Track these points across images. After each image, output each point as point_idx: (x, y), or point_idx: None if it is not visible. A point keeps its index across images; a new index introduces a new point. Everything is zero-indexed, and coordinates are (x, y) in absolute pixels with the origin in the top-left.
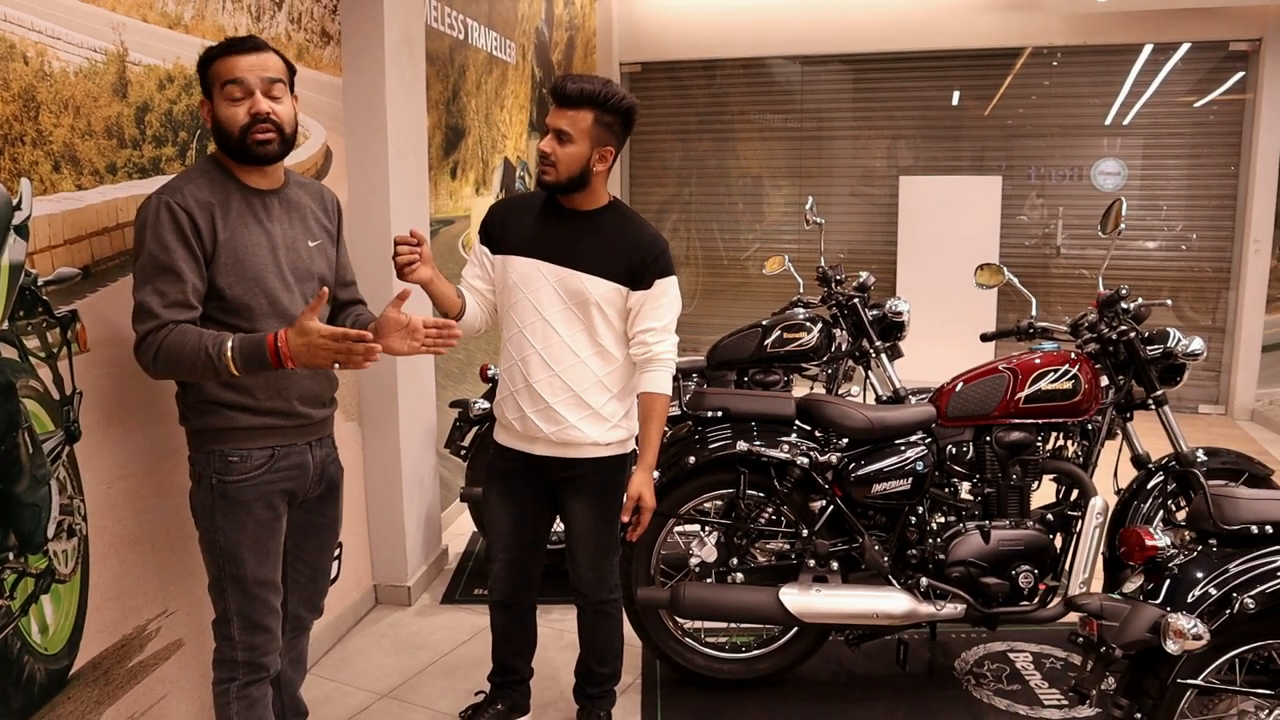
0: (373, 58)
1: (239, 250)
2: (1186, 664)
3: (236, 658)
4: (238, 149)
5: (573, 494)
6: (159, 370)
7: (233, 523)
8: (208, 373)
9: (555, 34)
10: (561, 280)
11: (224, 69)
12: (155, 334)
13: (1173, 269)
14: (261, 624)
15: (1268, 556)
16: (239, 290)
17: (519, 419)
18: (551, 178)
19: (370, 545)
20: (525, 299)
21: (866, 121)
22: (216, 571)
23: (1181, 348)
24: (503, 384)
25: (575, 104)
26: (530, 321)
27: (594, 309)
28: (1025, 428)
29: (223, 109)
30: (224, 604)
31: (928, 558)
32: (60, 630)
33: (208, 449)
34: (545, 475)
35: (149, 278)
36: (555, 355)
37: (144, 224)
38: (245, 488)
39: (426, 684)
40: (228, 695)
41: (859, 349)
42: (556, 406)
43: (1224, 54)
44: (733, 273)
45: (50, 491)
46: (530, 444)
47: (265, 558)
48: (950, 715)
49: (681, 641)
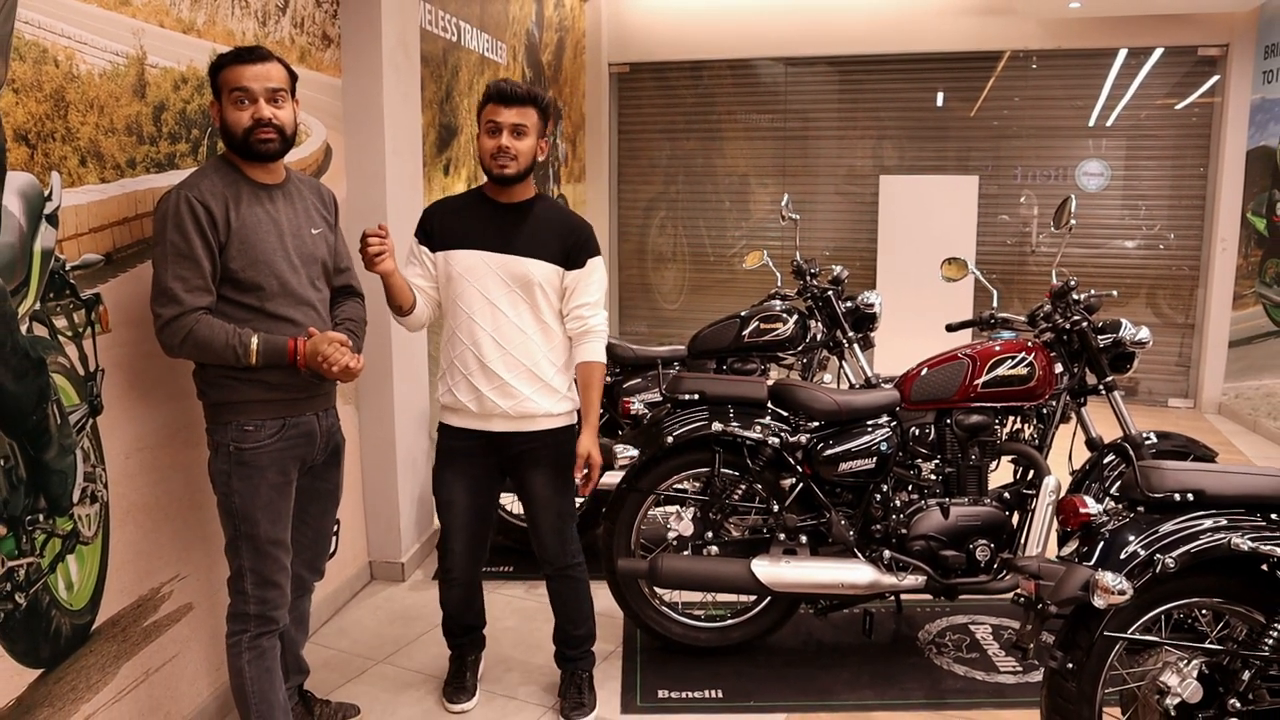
0: (370, 60)
1: (250, 236)
2: (1115, 619)
3: (249, 611)
4: (242, 148)
5: (531, 466)
6: (181, 352)
7: (248, 486)
8: (228, 361)
9: (545, 35)
10: (504, 266)
11: (232, 77)
12: (182, 319)
13: (1149, 267)
14: (272, 580)
15: (1189, 521)
16: (251, 272)
17: (474, 399)
18: (513, 170)
19: (366, 523)
20: (471, 287)
21: (850, 122)
22: (233, 532)
23: (1130, 336)
24: (452, 370)
25: (523, 102)
26: (478, 307)
27: (537, 289)
28: (984, 411)
29: (230, 113)
30: (239, 561)
31: (891, 532)
32: (83, 588)
33: (224, 420)
34: (502, 451)
35: (171, 264)
36: (505, 335)
37: (164, 215)
38: (260, 454)
39: (420, 652)
40: (240, 646)
41: (833, 340)
42: (512, 382)
43: (1194, 59)
44: (718, 269)
45: (76, 460)
46: (487, 421)
47: (277, 519)
48: (912, 680)
49: (660, 611)
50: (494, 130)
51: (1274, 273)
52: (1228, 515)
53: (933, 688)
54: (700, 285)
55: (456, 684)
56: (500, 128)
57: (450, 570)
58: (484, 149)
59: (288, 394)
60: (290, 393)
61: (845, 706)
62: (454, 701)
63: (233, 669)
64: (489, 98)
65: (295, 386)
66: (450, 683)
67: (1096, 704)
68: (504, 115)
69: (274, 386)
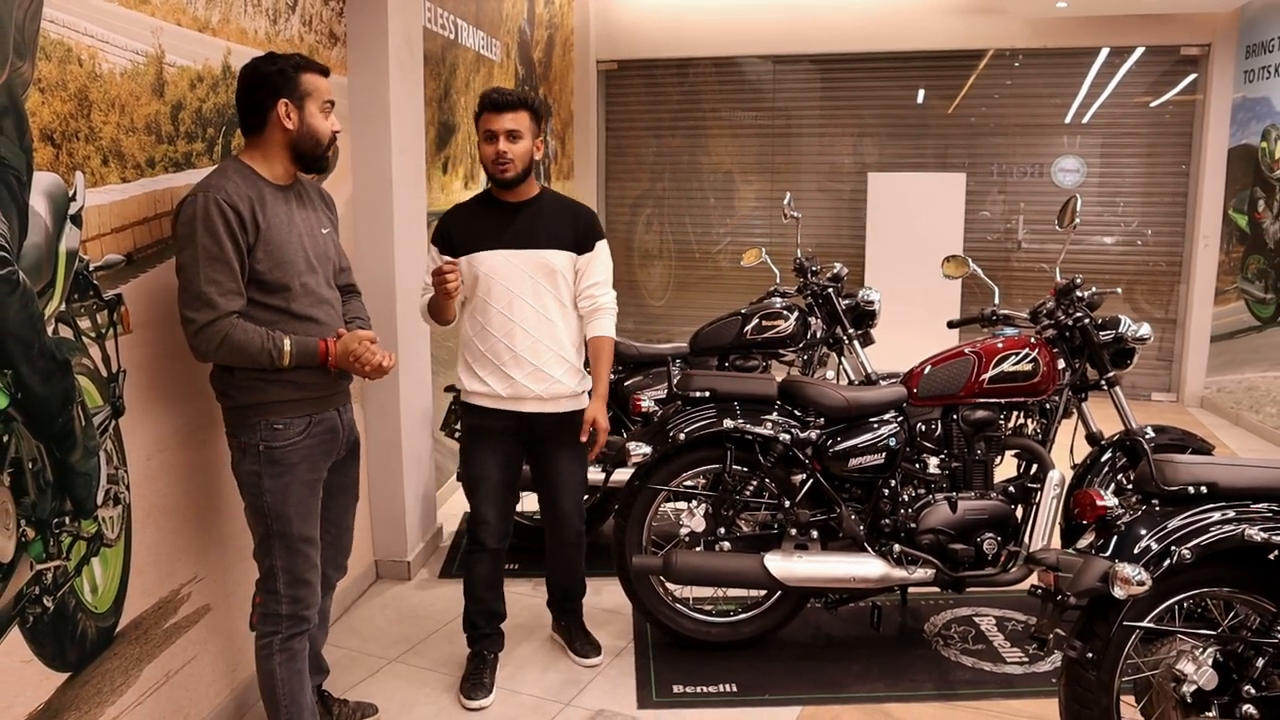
0: (377, 58)
1: (277, 238)
2: (1132, 609)
3: (281, 611)
4: (313, 156)
5: (557, 445)
6: (216, 357)
7: (279, 485)
8: (262, 364)
9: (536, 32)
10: (527, 260)
11: (324, 87)
12: (217, 324)
13: (1129, 263)
14: (304, 578)
15: (1202, 513)
16: (278, 274)
17: (508, 386)
18: (512, 173)
19: (372, 523)
20: (499, 284)
21: (835, 119)
22: (265, 531)
23: (1131, 332)
24: (482, 361)
25: (515, 107)
26: (507, 302)
27: (558, 276)
28: (989, 407)
29: (317, 120)
30: (270, 560)
31: (900, 527)
32: (107, 591)
33: (252, 421)
34: (530, 430)
35: (204, 268)
36: (533, 325)
37: (193, 218)
38: (290, 451)
39: (432, 649)
40: (271, 648)
41: (833, 336)
42: (544, 367)
43: (1176, 58)
44: (705, 266)
45: (99, 462)
46: (519, 403)
47: (309, 516)
48: (921, 672)
49: (672, 607)
50: (491, 137)
51: (1256, 268)
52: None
53: (942, 679)
54: (686, 282)
55: (474, 680)
56: (496, 134)
57: (484, 540)
58: (485, 156)
59: (314, 392)
60: (316, 391)
61: (858, 699)
62: (471, 698)
63: (263, 671)
64: (483, 107)
65: (321, 384)
66: (468, 679)
67: (1115, 692)
68: (498, 122)
69: (303, 386)
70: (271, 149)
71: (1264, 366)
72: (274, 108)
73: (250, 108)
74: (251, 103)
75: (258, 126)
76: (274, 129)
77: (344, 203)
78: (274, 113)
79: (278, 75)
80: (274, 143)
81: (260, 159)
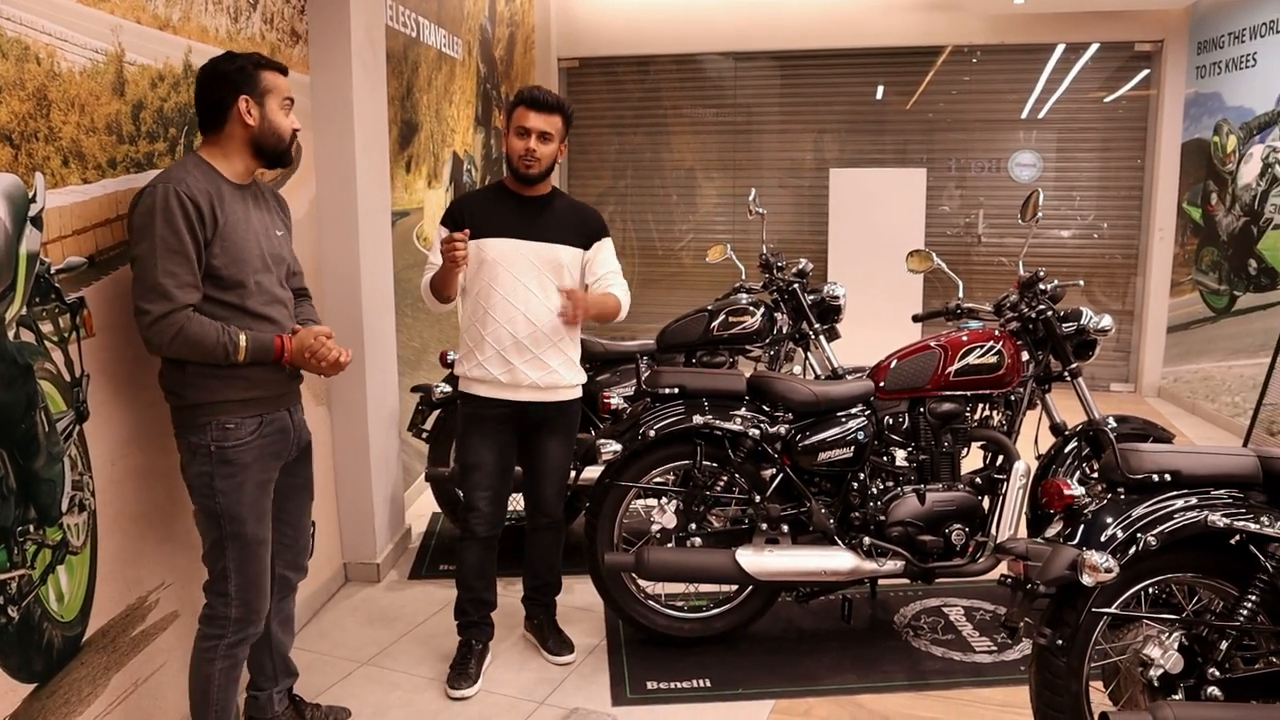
0: (339, 56)
1: (234, 235)
2: (1100, 595)
3: (230, 614)
4: (276, 151)
5: (549, 433)
6: (170, 350)
7: (232, 485)
8: (216, 359)
9: (497, 30)
10: (536, 252)
11: (284, 85)
12: (172, 316)
13: (1086, 256)
14: (257, 581)
15: (1167, 501)
16: (234, 270)
17: (506, 372)
18: (537, 170)
19: (340, 525)
20: (506, 271)
21: (795, 116)
22: (217, 534)
23: (1093, 324)
24: (482, 346)
25: (551, 110)
26: (512, 289)
27: (564, 271)
28: (955, 399)
29: (278, 116)
30: (223, 563)
31: (869, 519)
32: (74, 599)
33: (203, 421)
34: (524, 418)
35: (161, 259)
36: (536, 314)
37: (152, 209)
38: (243, 451)
39: (403, 652)
40: (215, 652)
41: (799, 331)
42: (542, 355)
43: (1130, 54)
44: (668, 263)
45: (64, 468)
46: (516, 391)
47: (262, 516)
48: (892, 663)
49: (644, 604)
50: (523, 133)
51: (1209, 260)
52: (1198, 494)
53: (913, 669)
54: (650, 279)
55: (461, 669)
56: (529, 131)
57: (477, 527)
58: (513, 149)
59: (266, 391)
60: (268, 390)
61: (830, 690)
62: (455, 687)
63: (200, 674)
64: (521, 101)
65: (273, 383)
66: (455, 667)
67: (1084, 678)
68: (533, 121)
69: (254, 384)
70: (232, 146)
71: (1219, 356)
72: (235, 104)
73: (210, 105)
74: (212, 100)
75: (218, 124)
76: (235, 125)
77: (308, 202)
78: (235, 109)
79: (237, 72)
80: (235, 139)
81: (220, 156)
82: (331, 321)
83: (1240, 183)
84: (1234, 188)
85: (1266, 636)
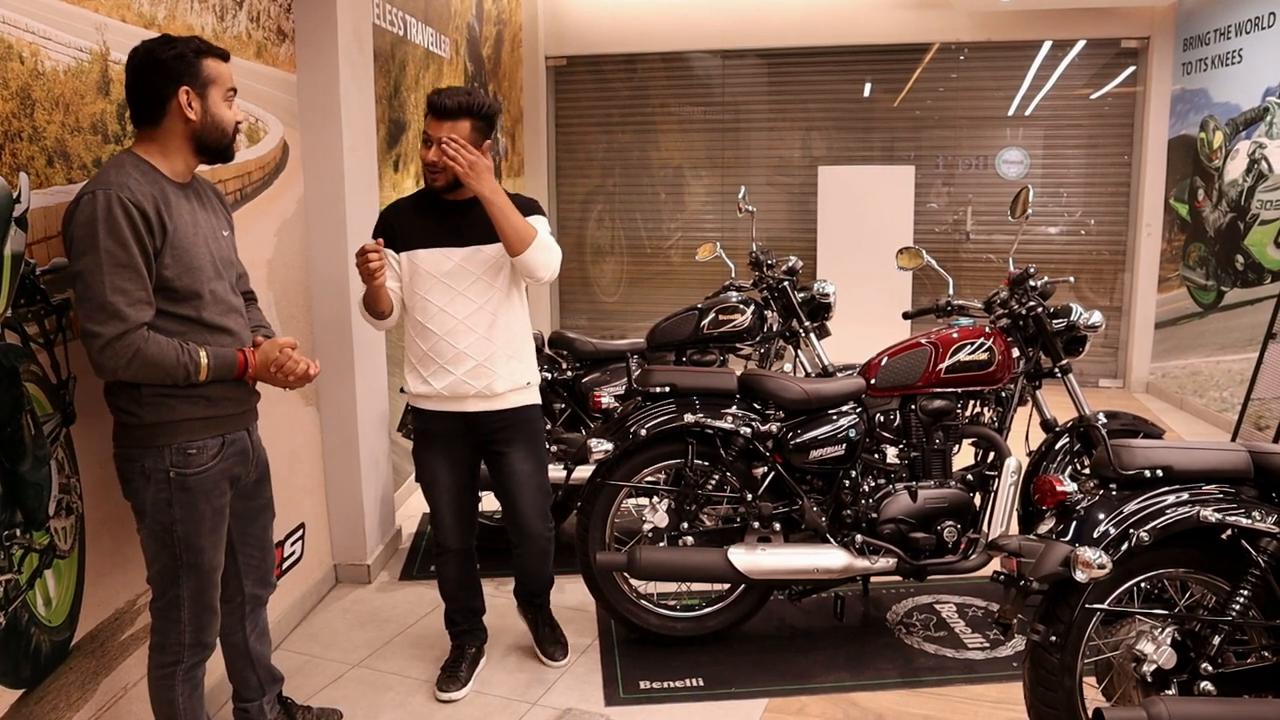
0: (326, 54)
1: (184, 241)
2: (1093, 591)
3: (184, 640)
4: (219, 147)
5: (506, 445)
6: (126, 374)
7: (191, 513)
8: (176, 380)
9: (484, 29)
10: (469, 258)
11: (226, 74)
12: (127, 338)
13: (1074, 252)
14: (211, 606)
15: (1159, 496)
16: (187, 280)
17: (449, 385)
18: (441, 182)
19: (330, 526)
20: (440, 282)
21: (784, 113)
22: (170, 561)
23: (1083, 321)
24: (425, 361)
25: (454, 115)
26: (448, 300)
27: (503, 273)
28: (946, 396)
29: (221, 109)
30: (175, 590)
31: (861, 517)
32: (61, 603)
33: (160, 443)
34: (477, 431)
35: (109, 276)
36: (475, 321)
37: (93, 220)
38: (204, 478)
39: (395, 653)
40: (173, 679)
41: (789, 329)
42: (487, 363)
43: (1116, 50)
44: (656, 261)
45: (51, 471)
46: (461, 403)
47: (219, 543)
48: (885, 661)
49: (637, 604)
50: (427, 142)
51: (1197, 256)
52: (1189, 489)
53: (906, 666)
54: (639, 278)
55: (451, 673)
56: (432, 141)
57: (444, 541)
58: (422, 157)
59: (226, 409)
60: (229, 408)
61: (823, 688)
62: (444, 690)
63: (163, 700)
64: (427, 108)
65: (234, 400)
66: (445, 670)
67: (1077, 674)
68: (436, 129)
69: (214, 402)
70: (171, 142)
71: (1206, 352)
72: (174, 96)
73: (146, 97)
74: (148, 92)
75: (154, 117)
76: (174, 119)
77: (295, 201)
78: (174, 102)
79: (177, 60)
80: (174, 135)
81: (158, 154)
82: (319, 323)
83: (1227, 179)
84: (1220, 183)
85: (1258, 631)
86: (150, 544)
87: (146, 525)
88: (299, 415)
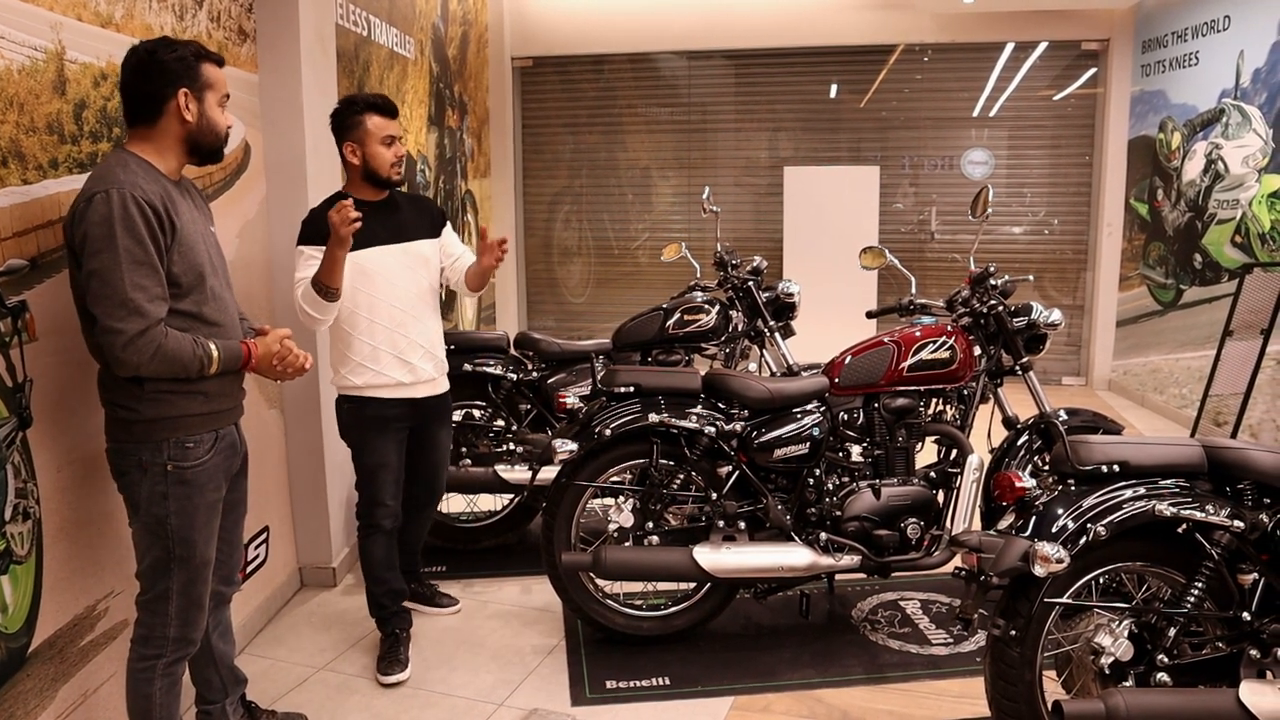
0: (288, 54)
1: (187, 238)
2: (1052, 586)
3: (169, 634)
4: (211, 150)
5: (436, 422)
6: (148, 369)
7: (186, 507)
8: (190, 373)
9: (450, 29)
10: (406, 251)
11: (222, 79)
12: (149, 333)
13: (1036, 251)
14: (199, 601)
15: (1115, 491)
16: (191, 276)
17: (407, 372)
18: (400, 175)
19: (295, 529)
20: (385, 280)
21: (750, 114)
22: (163, 554)
23: (1043, 319)
24: (376, 355)
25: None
26: (395, 295)
27: (430, 263)
28: (909, 394)
29: (216, 113)
30: (165, 583)
31: (825, 515)
32: (19, 609)
33: (159, 438)
34: (418, 414)
35: (128, 273)
36: (418, 310)
37: (109, 219)
38: (200, 471)
39: (360, 656)
40: (153, 672)
41: (754, 329)
42: (432, 349)
43: (1077, 52)
44: (624, 262)
45: (6, 476)
46: (414, 389)
47: (211, 538)
48: (851, 657)
49: (603, 603)
50: (391, 142)
51: (1156, 255)
52: (1146, 484)
53: (871, 663)
54: (606, 278)
55: (391, 657)
56: (395, 139)
57: (382, 523)
58: (383, 159)
59: (221, 404)
60: (223, 403)
61: (789, 686)
62: (388, 674)
63: (139, 694)
64: (375, 109)
65: (227, 396)
66: (384, 658)
67: (1037, 668)
68: (395, 127)
69: (211, 398)
70: (165, 141)
71: (1166, 349)
72: (173, 98)
73: (144, 96)
74: (146, 90)
75: (150, 117)
76: (170, 120)
77: (258, 203)
78: (173, 103)
79: (178, 63)
80: (168, 135)
81: (153, 152)
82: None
83: (1185, 179)
84: (1179, 184)
85: (1213, 622)
86: (143, 537)
87: (140, 518)
88: (263, 418)
